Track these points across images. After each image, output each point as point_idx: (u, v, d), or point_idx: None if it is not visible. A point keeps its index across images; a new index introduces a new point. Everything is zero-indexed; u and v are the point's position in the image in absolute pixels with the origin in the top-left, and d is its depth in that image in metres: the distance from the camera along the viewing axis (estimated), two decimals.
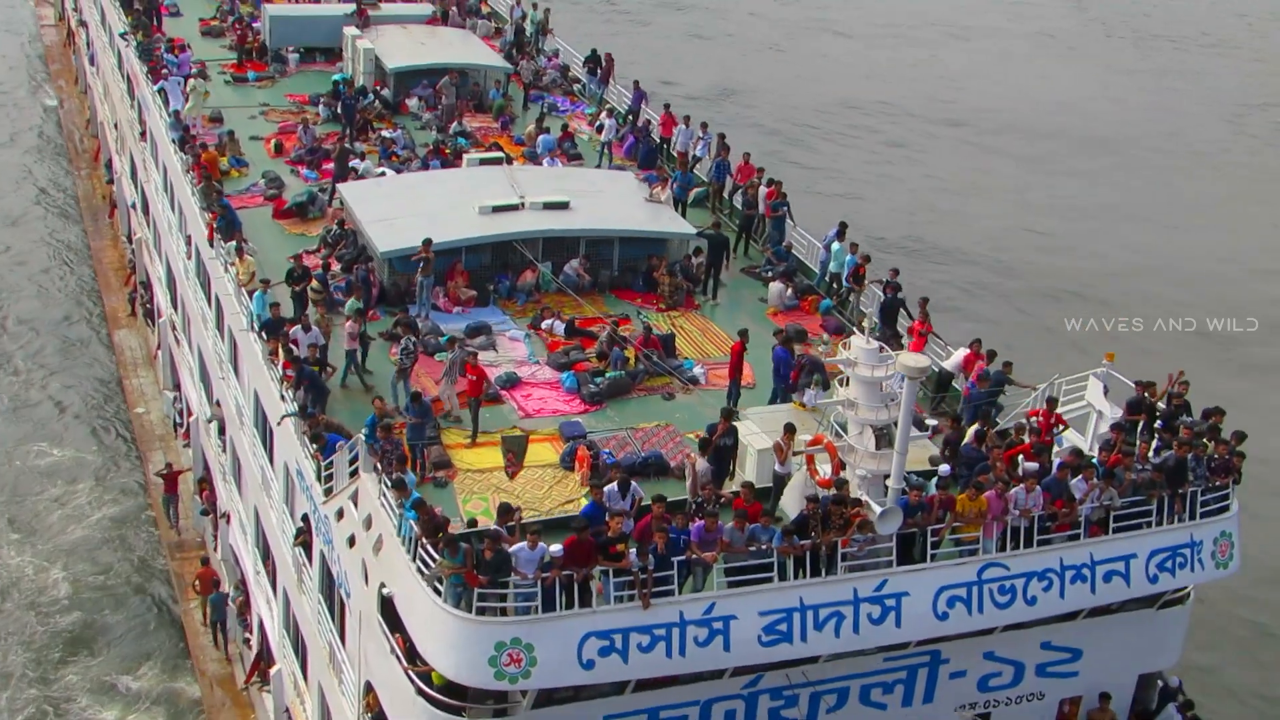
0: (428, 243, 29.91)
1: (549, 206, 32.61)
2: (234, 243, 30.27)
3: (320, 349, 26.87)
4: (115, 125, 51.28)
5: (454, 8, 50.72)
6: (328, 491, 23.52)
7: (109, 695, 32.04)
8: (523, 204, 32.57)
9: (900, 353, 20.18)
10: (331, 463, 23.14)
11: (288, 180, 37.01)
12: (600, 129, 41.59)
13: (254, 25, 47.42)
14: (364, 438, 22.35)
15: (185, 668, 32.84)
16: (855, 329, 27.24)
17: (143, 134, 43.06)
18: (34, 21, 77.72)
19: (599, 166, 39.43)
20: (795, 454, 22.48)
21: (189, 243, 35.50)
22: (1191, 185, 65.91)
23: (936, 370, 28.48)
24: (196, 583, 33.60)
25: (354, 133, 39.39)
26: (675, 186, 35.68)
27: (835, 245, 32.68)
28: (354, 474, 22.50)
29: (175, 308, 39.55)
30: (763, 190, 35.31)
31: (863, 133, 69.66)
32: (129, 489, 39.15)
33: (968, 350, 28.00)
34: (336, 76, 43.55)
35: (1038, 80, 79.74)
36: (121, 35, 45.84)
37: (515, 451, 24.53)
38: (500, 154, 36.58)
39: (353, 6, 46.64)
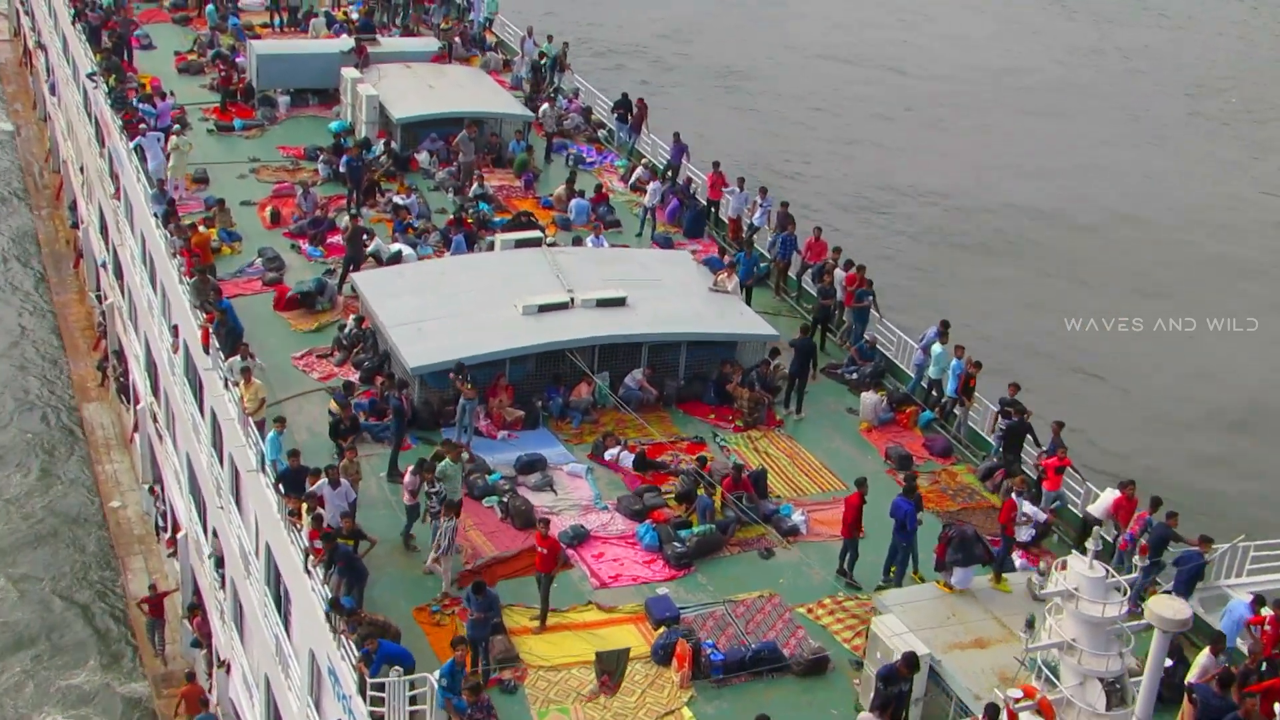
0: (462, 372, 25.23)
1: (603, 304, 27.92)
2: (239, 361, 25.34)
3: (351, 504, 22.10)
4: (81, 169, 46.04)
5: (457, 39, 45.86)
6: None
7: None
8: (572, 301, 27.83)
9: (1154, 599, 15.49)
10: (383, 686, 18.36)
11: (288, 258, 32.12)
12: (635, 184, 36.97)
13: (237, 61, 42.31)
14: (438, 690, 17.55)
15: None
16: (1017, 487, 22.84)
17: (115, 191, 37.92)
18: None
19: (639, 234, 34.77)
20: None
21: (175, 334, 30.52)
22: None
23: (1080, 516, 24.12)
24: (181, 704, 28.95)
25: (361, 198, 34.45)
26: (740, 269, 30.97)
27: (937, 348, 28.15)
28: None
29: (156, 396, 34.53)
30: (840, 273, 30.72)
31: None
32: (108, 609, 34.14)
33: (1118, 493, 23.56)
34: (335, 125, 38.64)
35: None
36: (89, 75, 40.58)
37: (612, 671, 19.84)
38: (537, 231, 31.69)
39: (349, 42, 41.63)
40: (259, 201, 34.85)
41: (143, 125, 35.30)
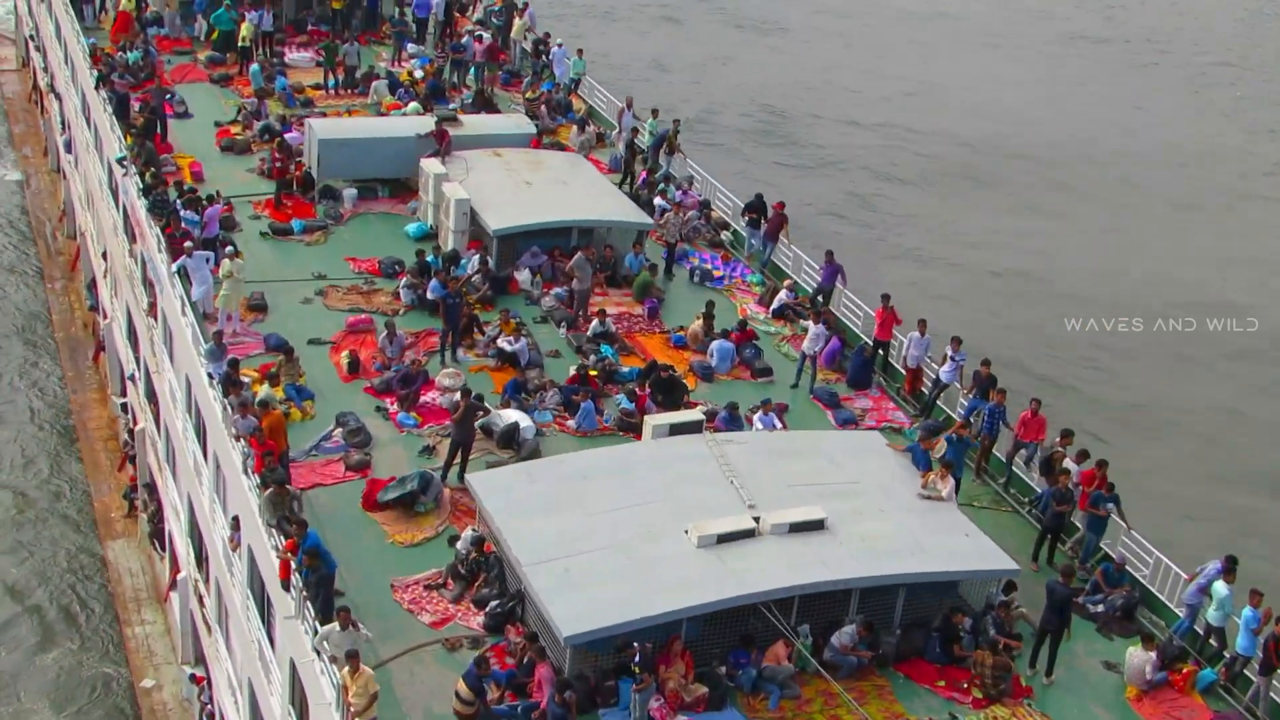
0: (631, 653, 19.00)
1: (797, 529, 21.59)
2: (338, 632, 19.01)
3: None
4: (104, 255, 39.59)
5: (542, 106, 39.43)
6: None
7: None
8: (759, 526, 21.52)
9: None
10: None
11: (374, 426, 25.73)
12: (778, 311, 30.69)
13: (289, 139, 35.85)
14: None
15: None
16: None
17: (151, 309, 31.53)
18: None
19: (794, 386, 28.48)
20: None
21: (235, 528, 24.15)
22: None
23: None
24: None
25: (457, 340, 28.11)
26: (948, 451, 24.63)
27: (1220, 588, 21.86)
28: None
29: (204, 577, 28.21)
30: (1072, 465, 24.42)
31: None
32: None
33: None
34: (413, 229, 32.49)
35: None
36: (119, 160, 34.10)
37: None
38: (698, 413, 25.25)
39: (423, 120, 35.20)
40: (331, 339, 28.43)
41: (188, 244, 28.81)
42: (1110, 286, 51.43)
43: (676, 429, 24.16)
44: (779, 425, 25.43)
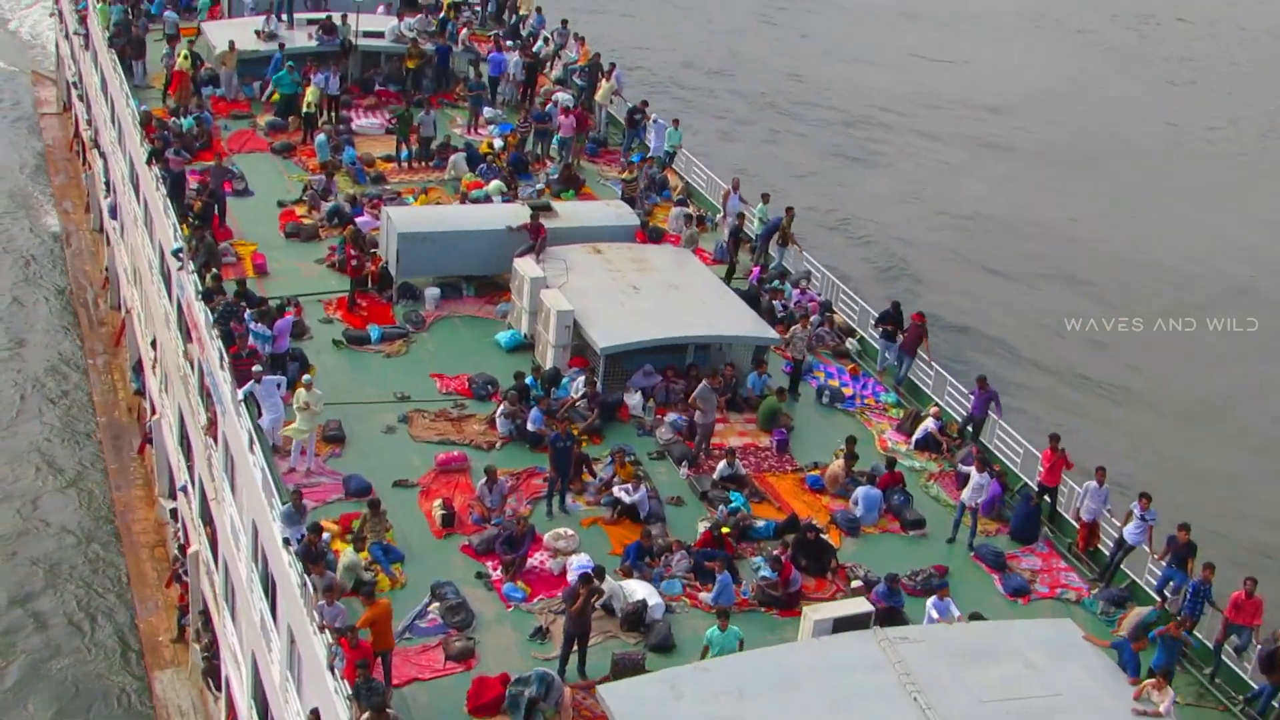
0: None
1: None
2: None
3: None
4: (154, 344, 36.10)
5: (640, 187, 35.74)
6: None
7: None
8: None
9: None
10: None
11: (476, 600, 22.01)
12: (921, 443, 26.85)
13: (357, 220, 32.32)
14: None
15: None
16: None
17: (210, 429, 27.92)
18: (31, 104, 62.02)
19: (950, 541, 24.65)
20: None
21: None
22: None
23: None
24: None
25: (566, 486, 24.37)
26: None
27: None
28: None
29: None
30: None
31: None
32: None
33: None
34: (505, 339, 28.96)
35: None
36: (174, 253, 30.55)
37: None
38: (865, 604, 21.37)
39: (516, 210, 31.53)
40: (419, 482, 24.73)
41: (257, 367, 25.16)
42: None
43: (841, 624, 20.31)
44: (955, 614, 21.53)
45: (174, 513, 34.22)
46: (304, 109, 37.78)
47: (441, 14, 43.79)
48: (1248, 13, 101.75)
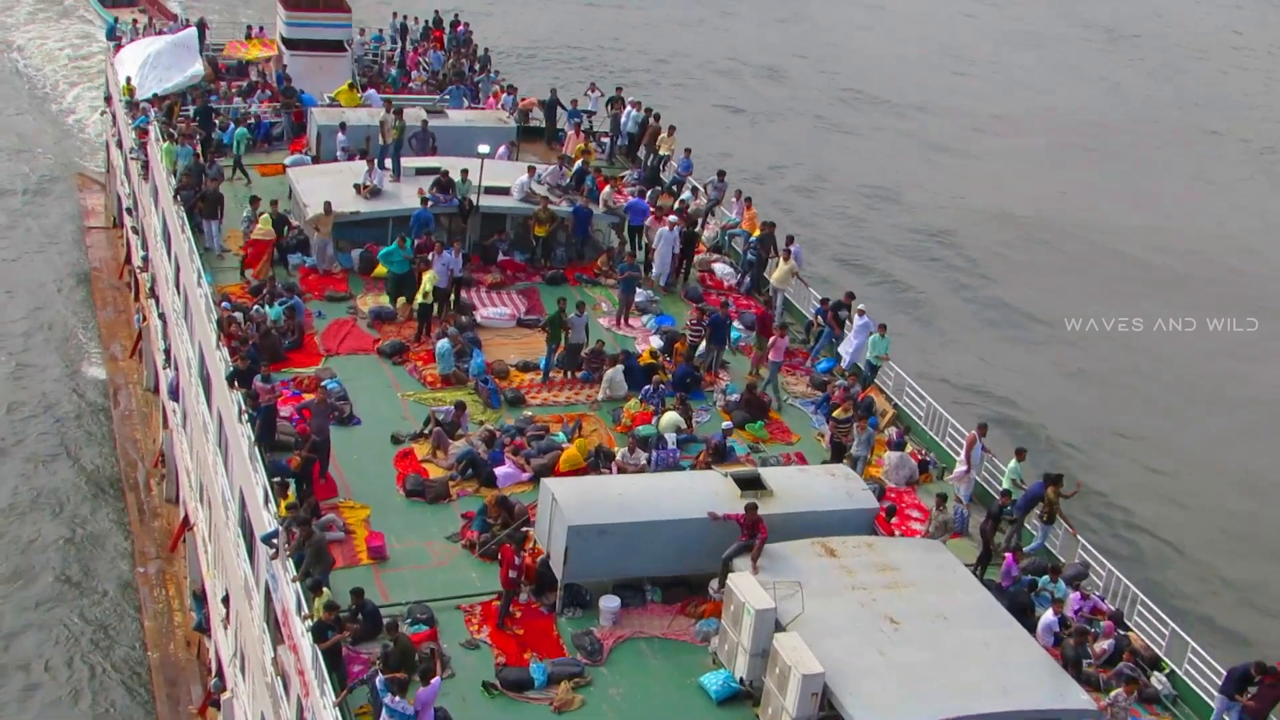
0: None
1: None
2: None
3: None
4: (225, 600, 28.55)
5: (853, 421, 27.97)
6: None
7: None
8: None
9: None
10: None
11: None
12: None
13: (498, 476, 24.89)
14: None
15: None
16: None
17: None
18: (75, 209, 54.76)
19: None
20: None
21: None
22: None
23: None
24: None
25: None
26: None
27: None
28: None
29: None
30: None
31: None
32: None
33: None
34: (713, 684, 21.28)
35: None
36: (267, 539, 22.97)
37: None
38: None
39: (717, 483, 23.85)
40: None
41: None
42: None
43: None
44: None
45: None
46: (420, 298, 30.22)
47: (578, 164, 36.14)
48: None
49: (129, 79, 44.44)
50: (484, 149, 32.43)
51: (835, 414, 27.25)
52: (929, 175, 68.92)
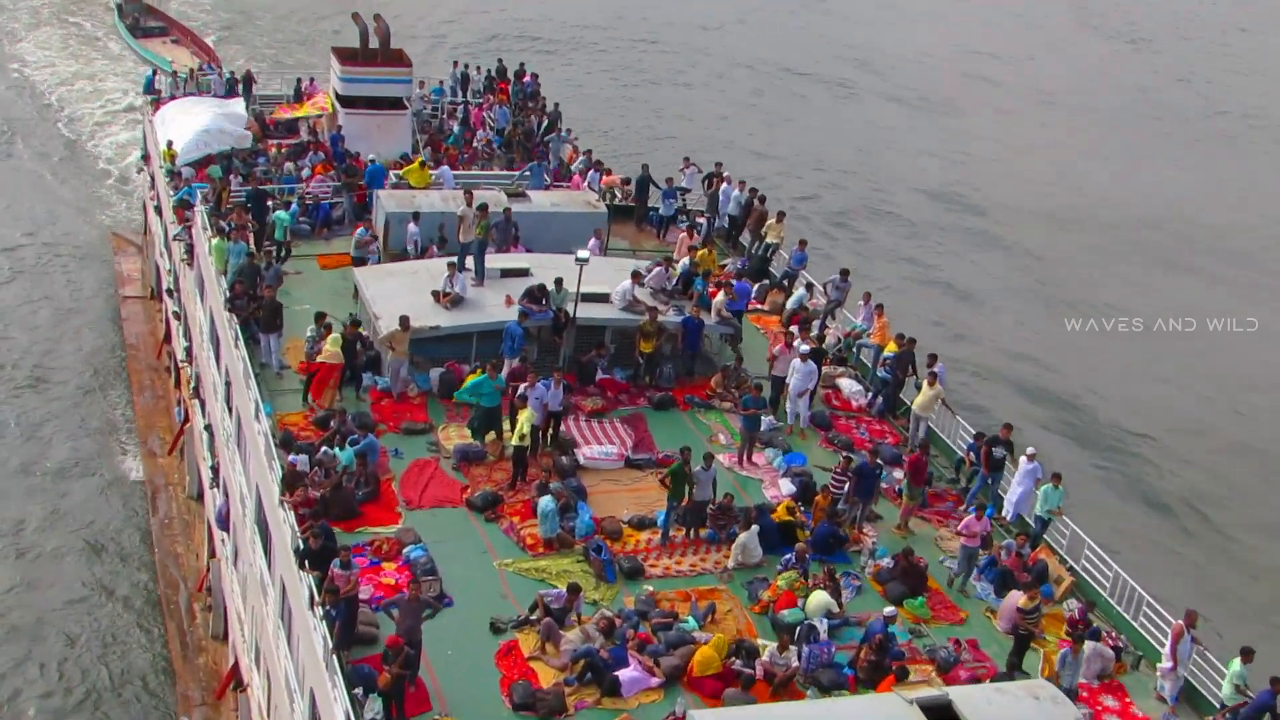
0: None
1: None
2: None
3: None
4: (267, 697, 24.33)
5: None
6: None
7: None
8: None
9: None
10: None
11: None
12: None
13: (621, 678, 20.52)
14: None
15: None
16: None
17: None
18: (110, 276, 50.58)
19: None
20: None
21: None
22: None
23: None
24: None
25: None
26: None
27: None
28: None
29: None
30: None
31: None
32: None
33: None
34: None
35: None
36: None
37: None
38: None
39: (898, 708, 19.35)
40: None
41: None
42: None
43: None
44: None
45: None
46: (515, 440, 25.86)
47: (681, 263, 31.74)
48: None
49: (170, 144, 40.34)
50: (584, 255, 28.05)
51: (1021, 603, 22.76)
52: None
